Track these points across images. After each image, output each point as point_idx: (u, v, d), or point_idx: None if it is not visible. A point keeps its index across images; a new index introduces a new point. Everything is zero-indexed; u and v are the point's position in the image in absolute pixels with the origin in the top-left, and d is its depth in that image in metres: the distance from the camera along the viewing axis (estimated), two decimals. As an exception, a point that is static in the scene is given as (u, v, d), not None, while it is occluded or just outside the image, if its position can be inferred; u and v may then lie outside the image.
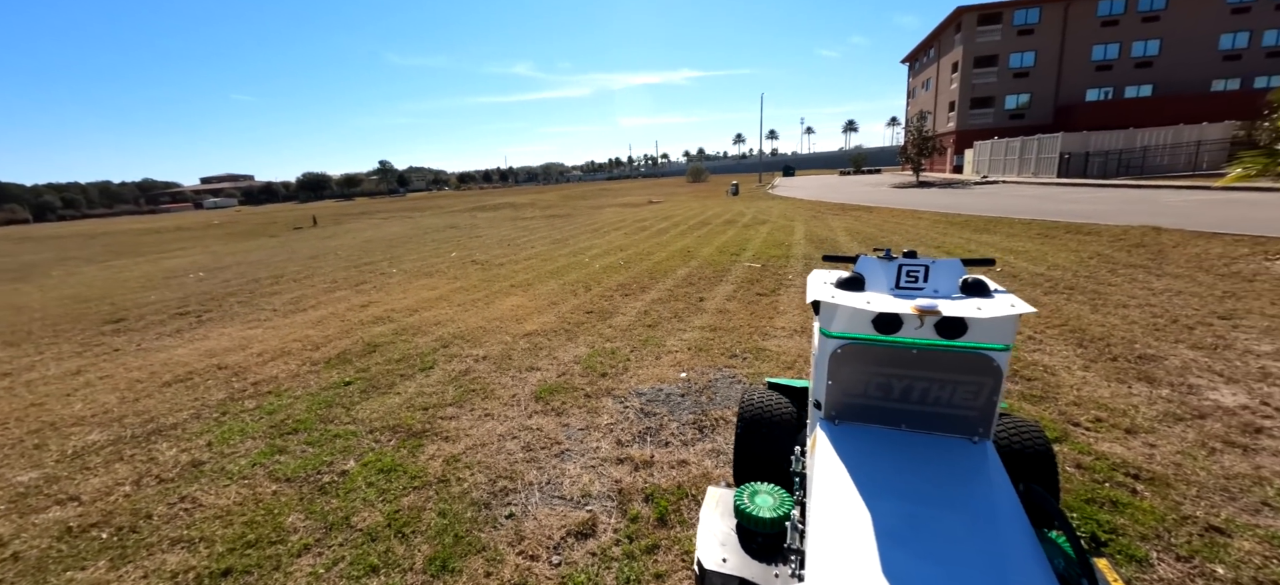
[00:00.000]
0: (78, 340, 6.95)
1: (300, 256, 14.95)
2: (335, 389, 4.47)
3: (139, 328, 7.45)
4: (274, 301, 8.72)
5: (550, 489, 2.83)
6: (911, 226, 13.66)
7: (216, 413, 4.15)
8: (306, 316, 7.46)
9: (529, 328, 6.03)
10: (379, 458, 3.24)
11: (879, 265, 2.15)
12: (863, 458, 1.90)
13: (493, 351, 5.25)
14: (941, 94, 44.85)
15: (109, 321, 7.96)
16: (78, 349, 6.50)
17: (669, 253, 11.47)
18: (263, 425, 3.84)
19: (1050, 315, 5.57)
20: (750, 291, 7.35)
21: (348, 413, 3.95)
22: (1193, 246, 8.97)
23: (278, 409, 4.12)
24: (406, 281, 9.80)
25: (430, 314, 7.10)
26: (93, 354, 6.23)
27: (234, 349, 5.97)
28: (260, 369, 5.18)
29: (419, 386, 4.41)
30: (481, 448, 3.30)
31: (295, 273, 11.79)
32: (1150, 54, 36.68)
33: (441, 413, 3.85)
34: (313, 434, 3.62)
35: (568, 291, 8.01)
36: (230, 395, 4.51)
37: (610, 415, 3.64)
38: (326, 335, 6.33)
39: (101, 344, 6.67)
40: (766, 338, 5.25)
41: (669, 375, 4.34)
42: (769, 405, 2.59)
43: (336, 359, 5.33)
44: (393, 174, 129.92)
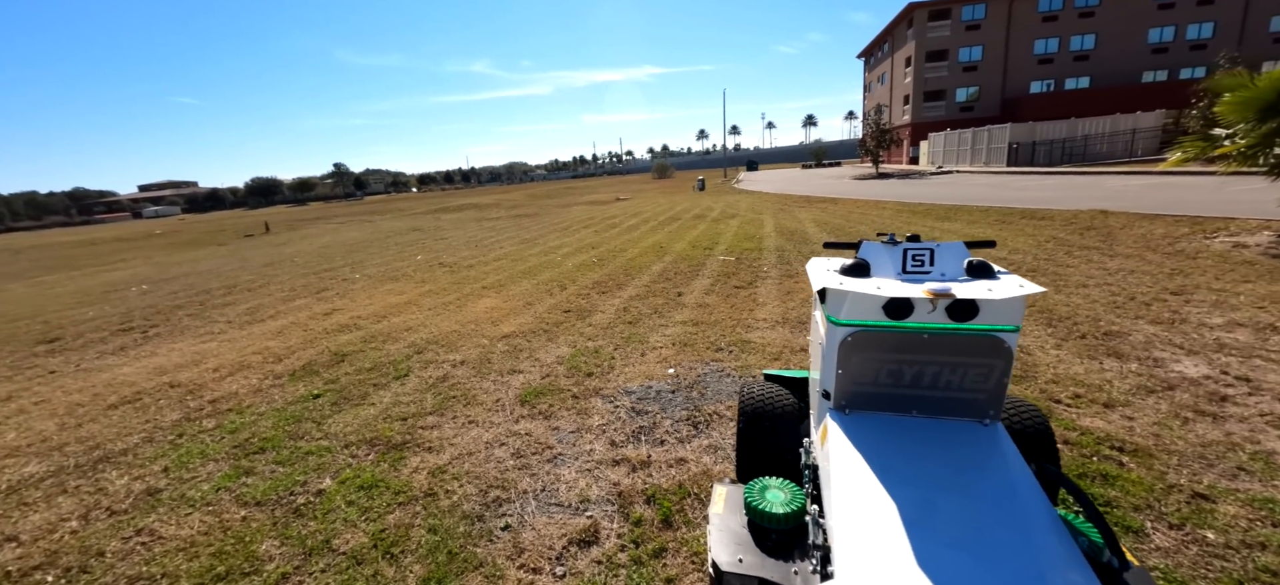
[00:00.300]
0: (6, 363, 6.36)
1: (254, 265, 14.20)
2: (303, 403, 4.20)
3: (77, 347, 6.88)
4: (228, 313, 8.22)
5: (546, 496, 2.70)
6: (876, 216, 13.99)
7: (171, 435, 3.83)
8: (265, 327, 7.04)
9: (506, 330, 5.85)
10: (357, 474, 3.04)
11: (883, 250, 2.12)
12: (879, 447, 1.86)
13: (470, 355, 5.06)
14: (896, 88, 46.27)
15: (43, 342, 7.33)
16: (7, 373, 5.95)
17: (642, 249, 11.40)
18: (225, 446, 3.56)
19: (1042, 300, 5.75)
20: (728, 285, 7.34)
21: (319, 427, 3.71)
22: (1138, 228, 9.46)
23: (240, 427, 3.83)
24: (371, 287, 9.41)
25: (400, 319, 6.81)
26: (25, 377, 5.71)
27: (186, 365, 5.57)
28: (218, 385, 4.84)
29: (395, 396, 4.19)
30: (468, 457, 3.14)
31: (250, 282, 11.17)
32: (1087, 48, 38.77)
33: (422, 422, 3.66)
34: (282, 452, 3.38)
35: (543, 291, 7.83)
36: (186, 415, 4.18)
37: (601, 416, 3.53)
38: (289, 346, 5.98)
39: (34, 366, 6.12)
40: (749, 330, 5.23)
41: (657, 372, 4.26)
42: (771, 398, 2.54)
43: (302, 371, 5.03)
44: (349, 177, 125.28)
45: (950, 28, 40.25)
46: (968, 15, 39.87)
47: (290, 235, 25.47)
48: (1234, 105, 7.62)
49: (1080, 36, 38.60)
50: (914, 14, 40.66)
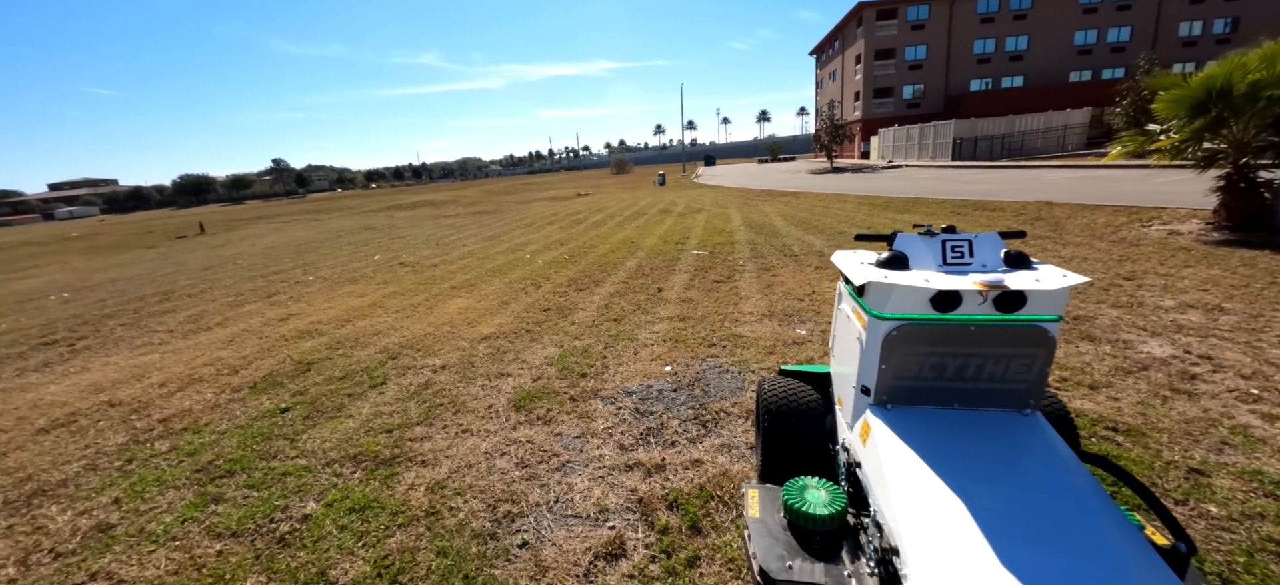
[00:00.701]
0: (-98, 386, 5.58)
1: (191, 268, 13.15)
2: (270, 418, 3.85)
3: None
4: (168, 321, 7.54)
5: (561, 508, 2.55)
6: (839, 209, 14.34)
7: (119, 461, 3.42)
8: (214, 336, 6.48)
9: (485, 331, 5.59)
10: (346, 494, 2.79)
11: (921, 242, 2.08)
12: (931, 442, 1.82)
13: (451, 359, 4.79)
14: (847, 84, 47.78)
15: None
16: (-96, 397, 5.21)
17: (612, 244, 11.24)
18: (184, 470, 3.20)
19: None
20: (706, 279, 7.31)
21: (293, 444, 3.40)
22: (1082, 218, 10.07)
23: (201, 448, 3.47)
24: (329, 289, 8.86)
25: (366, 323, 6.42)
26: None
27: (126, 381, 5.04)
28: (166, 402, 4.39)
29: (374, 406, 3.90)
30: (468, 469, 2.94)
31: (189, 287, 10.32)
32: (1021, 48, 41.17)
33: (409, 434, 3.41)
34: (253, 474, 3.07)
35: (516, 290, 7.57)
36: (133, 437, 3.75)
37: (605, 418, 3.39)
38: (244, 356, 5.51)
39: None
40: (737, 325, 5.20)
41: (653, 370, 4.15)
42: (796, 395, 2.48)
43: (264, 382, 4.63)
44: (289, 173, 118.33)
45: (897, 27, 41.84)
46: (913, 15, 41.55)
47: (228, 236, 23.84)
48: (1168, 103, 8.17)
49: (1015, 38, 40.95)
50: (863, 13, 42.02)
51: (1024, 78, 41.41)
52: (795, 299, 5.95)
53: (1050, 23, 40.17)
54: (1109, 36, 39.92)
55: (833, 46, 52.25)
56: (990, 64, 41.79)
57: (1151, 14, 39.03)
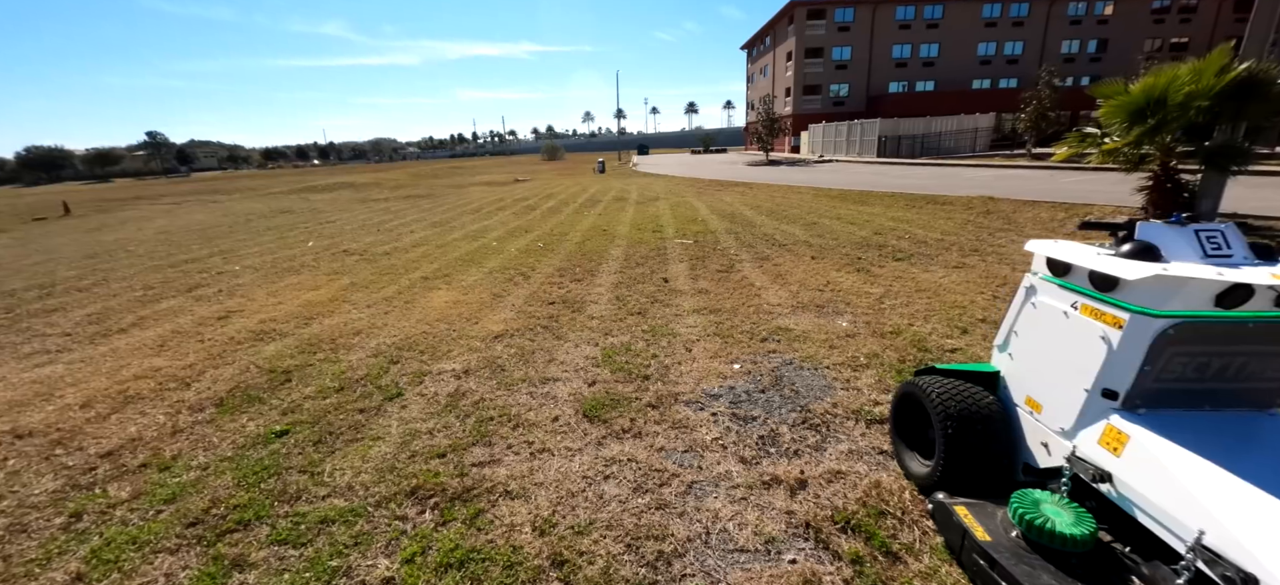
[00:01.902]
0: None
1: (68, 257, 10.95)
2: (266, 444, 3.05)
3: None
4: (59, 321, 6.08)
5: (719, 542, 2.11)
6: (799, 200, 14.59)
7: (60, 517, 2.53)
8: (133, 339, 5.27)
9: (493, 328, 4.93)
10: (426, 544, 2.17)
11: (1172, 232, 1.86)
12: (1225, 451, 1.61)
13: (470, 363, 4.12)
14: (778, 80, 49.41)
15: None
16: None
17: (582, 232, 10.66)
18: (170, 525, 2.40)
19: (1007, 276, 6.13)
20: (707, 269, 7.01)
21: (316, 479, 2.67)
22: (1026, 212, 10.80)
23: (181, 491, 2.64)
24: (266, 281, 7.62)
25: (334, 321, 5.49)
26: None
27: (29, 401, 3.89)
28: (101, 429, 3.39)
29: (404, 423, 3.21)
30: (573, 499, 2.41)
31: (74, 279, 8.51)
32: (933, 55, 44.56)
33: (469, 457, 2.79)
34: (279, 526, 2.34)
35: (504, 281, 6.86)
36: (70, 482, 2.82)
37: (705, 427, 2.96)
38: (188, 364, 4.47)
39: None
40: (773, 317, 4.93)
41: (721, 369, 3.77)
42: (976, 399, 2.24)
43: (233, 398, 3.73)
44: (168, 149, 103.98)
45: (825, 27, 43.75)
46: (840, 17, 43.62)
47: (103, 218, 20.41)
48: (1112, 110, 8.90)
49: (928, 44, 44.22)
50: (795, 11, 43.51)
51: (935, 83, 44.89)
52: (814, 290, 5.79)
53: (957, 32, 43.77)
54: (1006, 49, 44.21)
55: (764, 42, 53.78)
56: (907, 68, 44.88)
57: (1040, 32, 43.65)
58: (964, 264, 6.73)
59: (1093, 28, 43.64)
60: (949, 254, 7.33)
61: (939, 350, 4.00)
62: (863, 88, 45.15)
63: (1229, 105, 8.20)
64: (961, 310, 4.90)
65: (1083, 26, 43.63)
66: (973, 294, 5.42)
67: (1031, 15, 43.32)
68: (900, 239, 8.52)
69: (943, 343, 4.12)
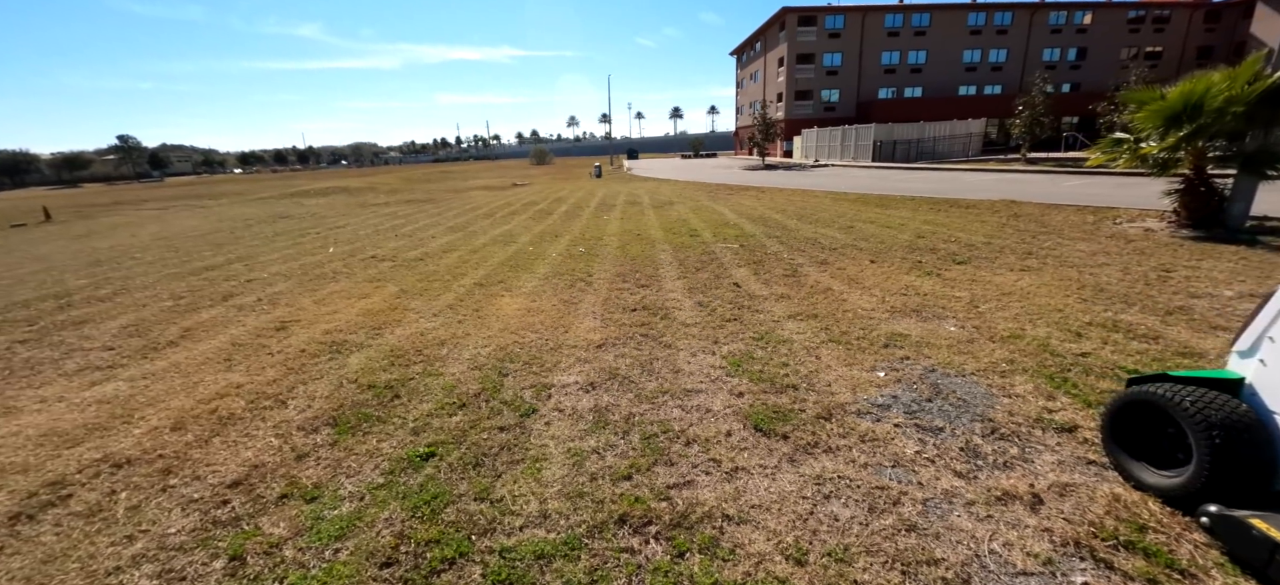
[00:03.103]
0: None
1: (69, 265, 10.33)
2: (416, 469, 2.76)
3: None
4: (94, 334, 5.65)
5: (998, 566, 1.93)
6: (817, 204, 14.56)
7: (222, 560, 2.21)
8: (192, 353, 4.89)
9: (591, 338, 4.69)
10: (677, 581, 1.94)
11: None
12: None
13: (589, 375, 3.88)
14: (769, 85, 49.81)
15: None
16: None
17: (616, 237, 10.44)
18: (360, 566, 2.11)
19: (1077, 278, 6.09)
20: (771, 273, 6.86)
21: (498, 506, 2.39)
22: (1053, 216, 10.88)
23: (350, 526, 2.35)
24: (306, 289, 7.23)
25: (407, 331, 5.19)
26: None
27: (108, 425, 3.52)
28: (208, 454, 3.07)
29: (560, 443, 2.95)
30: (805, 523, 2.19)
31: (89, 289, 7.99)
32: (920, 62, 45.41)
33: (657, 479, 2.54)
34: (490, 562, 2.05)
35: (566, 288, 6.61)
36: (207, 517, 2.50)
37: (898, 440, 2.78)
38: (270, 379, 4.14)
39: None
40: (876, 321, 4.79)
41: (865, 377, 3.60)
42: (1236, 409, 2.13)
43: (345, 416, 3.42)
44: (140, 153, 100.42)
45: (816, 33, 44.28)
46: (830, 23, 44.21)
47: (89, 224, 19.51)
48: (1148, 115, 9.02)
49: (916, 52, 45.06)
50: (786, 17, 43.95)
51: (923, 89, 45.74)
52: (897, 294, 5.67)
53: (944, 40, 44.70)
54: (990, 57, 45.29)
55: (754, 48, 54.22)
56: (895, 74, 45.66)
57: (1022, 40, 44.84)
58: (1028, 268, 6.67)
59: (1072, 36, 44.98)
60: (1005, 258, 7.29)
61: (1070, 355, 3.89)
62: (853, 93, 45.78)
63: (1263, 111, 8.36)
64: (1061, 313, 4.82)
65: (1063, 35, 44.95)
66: (1060, 299, 5.34)
67: (1015, 24, 44.47)
68: (946, 242, 8.49)
69: (1069, 348, 4.01)
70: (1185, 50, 44.60)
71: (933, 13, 44.13)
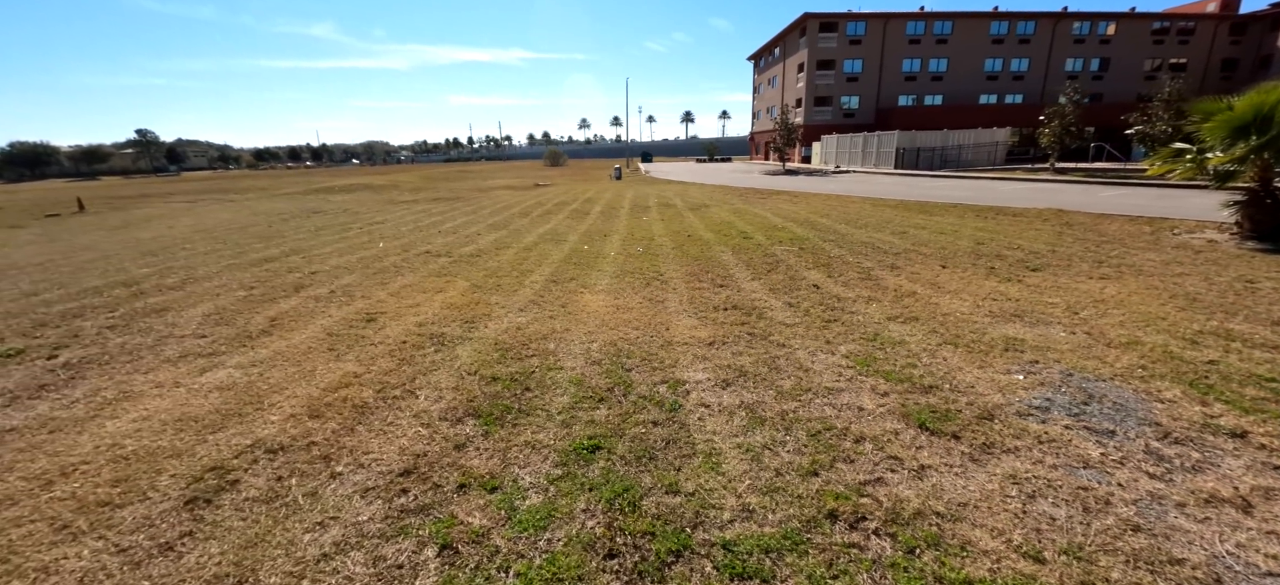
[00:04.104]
0: None
1: (122, 254, 10.40)
2: (585, 460, 2.73)
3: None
4: (178, 323, 5.66)
5: (1246, 571, 1.88)
6: (859, 209, 14.46)
7: (432, 549, 2.19)
8: (290, 341, 4.88)
9: (698, 336, 4.65)
10: (921, 576, 1.90)
11: None
12: None
13: (716, 373, 3.83)
14: (788, 91, 49.74)
15: None
16: None
17: (669, 237, 10.42)
18: (581, 557, 2.08)
19: (1160, 287, 5.99)
20: (846, 276, 6.82)
21: (693, 500, 2.37)
22: (1107, 225, 10.73)
23: (548, 517, 2.32)
24: (376, 283, 7.24)
25: (500, 325, 5.17)
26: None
27: (240, 411, 3.51)
28: (357, 441, 3.04)
29: (727, 438, 2.91)
30: (1022, 521, 2.13)
31: (153, 278, 8.03)
32: (941, 70, 45.20)
33: (845, 475, 2.51)
34: (715, 556, 2.02)
35: (642, 286, 6.59)
36: (391, 505, 2.46)
37: (1078, 442, 2.73)
38: (386, 370, 4.12)
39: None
40: (981, 326, 4.73)
41: (1005, 379, 3.55)
42: None
43: (483, 407, 3.39)
44: (158, 147, 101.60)
45: (837, 40, 44.20)
46: (852, 30, 44.12)
47: (123, 216, 19.68)
48: (1216, 125, 8.92)
49: (937, 60, 44.88)
50: (807, 23, 43.90)
51: (943, 97, 45.53)
52: (986, 299, 5.60)
53: (966, 48, 44.51)
54: (1012, 66, 45.04)
55: (773, 53, 54.18)
56: (915, 82, 45.48)
57: (1045, 50, 44.58)
58: (1106, 276, 6.58)
59: (1095, 47, 44.68)
60: (1078, 266, 7.20)
61: (1199, 363, 3.82)
62: (873, 100, 45.63)
63: (1335, 123, 8.23)
64: (1166, 321, 4.75)
65: (1086, 45, 44.65)
66: (1156, 307, 5.25)
67: (1037, 33, 44.23)
68: (1009, 249, 8.40)
69: (1193, 356, 3.94)
70: (1209, 62, 44.20)
71: (955, 21, 43.95)
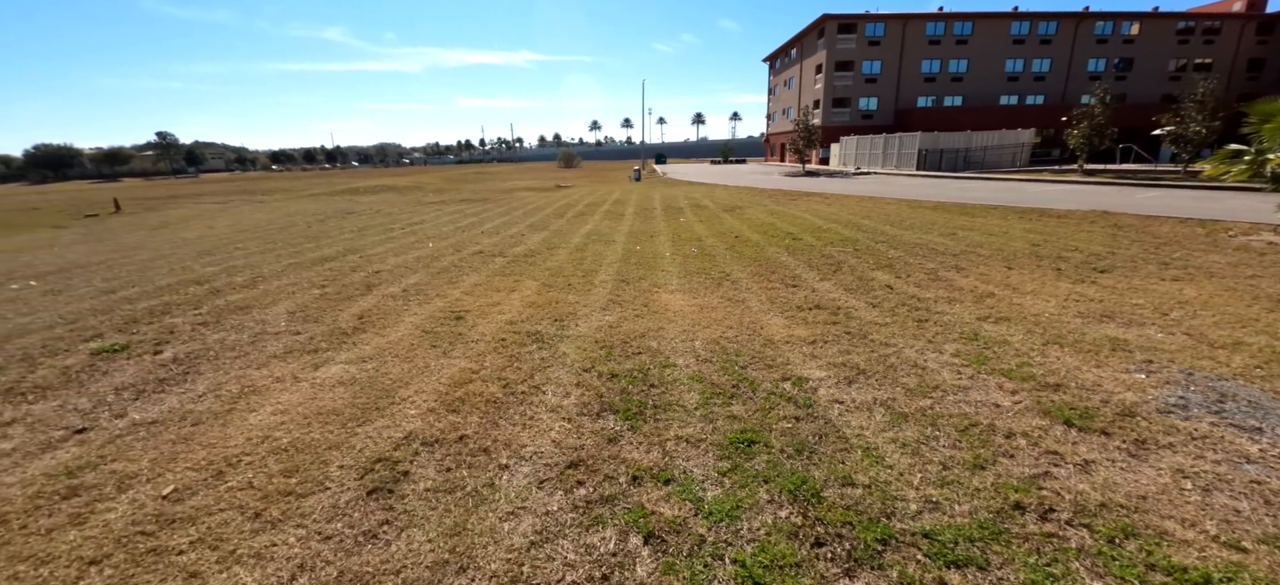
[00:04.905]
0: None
1: (176, 254, 10.61)
2: (748, 453, 2.81)
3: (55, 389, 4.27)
4: (266, 320, 5.80)
5: None
6: (896, 211, 14.42)
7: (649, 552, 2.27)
8: (388, 338, 5.00)
9: (795, 335, 4.72)
10: (1149, 571, 1.95)
11: None
12: None
13: (837, 372, 3.90)
14: (805, 92, 49.63)
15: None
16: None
17: (715, 238, 10.49)
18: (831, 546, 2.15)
19: (1235, 292, 5.96)
20: (912, 278, 6.84)
21: (886, 494, 2.44)
22: (1157, 227, 10.62)
23: (740, 506, 2.39)
24: (445, 282, 7.37)
25: (592, 324, 5.26)
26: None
27: (378, 405, 3.61)
28: (511, 435, 3.13)
29: (878, 433, 2.98)
30: (1210, 514, 2.20)
31: (221, 276, 8.19)
32: (961, 71, 44.92)
33: (1012, 468, 2.56)
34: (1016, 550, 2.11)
35: (711, 286, 6.66)
36: (587, 496, 2.55)
37: (1229, 439, 2.77)
38: (498, 367, 4.22)
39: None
40: (1075, 325, 4.76)
41: (1128, 378, 3.58)
42: None
43: (616, 404, 3.48)
44: (178, 150, 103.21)
45: (856, 41, 44.07)
46: (871, 31, 43.98)
47: (160, 216, 20.06)
48: (1276, 128, 8.85)
49: (956, 61, 44.60)
50: (826, 25, 43.81)
51: (963, 98, 45.24)
52: (1071, 301, 5.61)
53: (986, 49, 44.22)
54: (1033, 67, 44.68)
55: (790, 55, 54.11)
56: (935, 83, 45.23)
57: (1067, 50, 44.17)
58: (1177, 278, 6.55)
59: (1119, 47, 44.21)
60: (1146, 267, 7.18)
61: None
62: (891, 102, 45.44)
63: (1405, 124, 8.13)
64: (1259, 322, 4.75)
65: (1109, 45, 44.19)
66: (1243, 308, 5.24)
67: (1059, 34, 43.84)
68: (1068, 251, 8.38)
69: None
70: (1236, 63, 43.57)
71: (975, 21, 43.67)
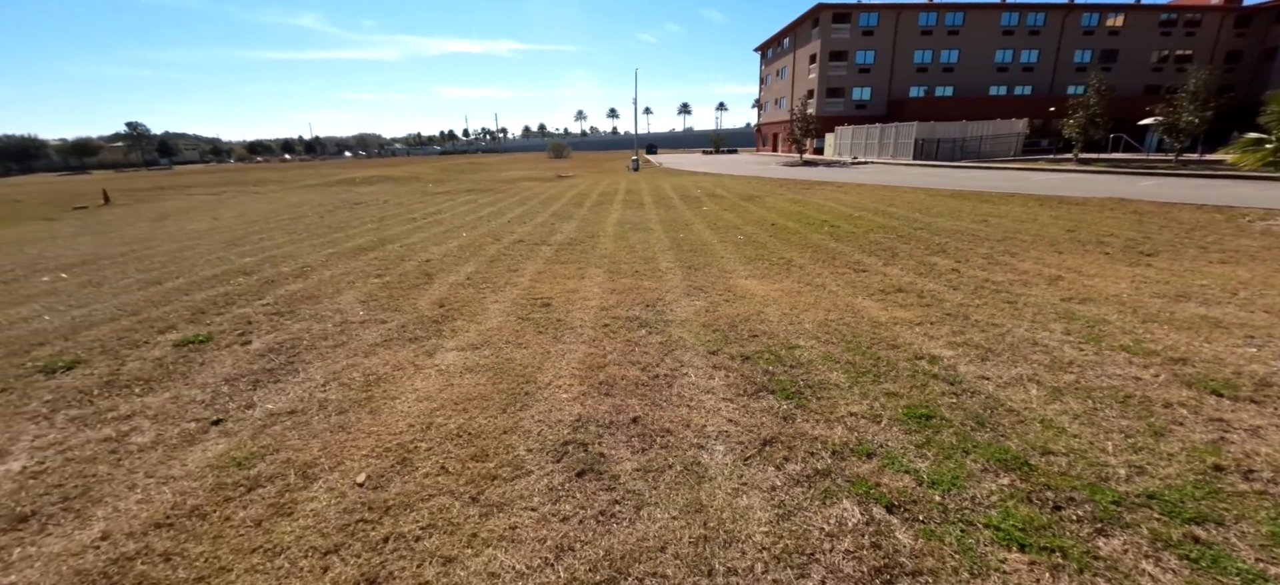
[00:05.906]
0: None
1: (201, 244, 10.32)
2: (928, 427, 2.90)
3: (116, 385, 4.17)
4: (342, 308, 5.71)
5: None
6: (916, 199, 14.63)
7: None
8: (488, 325, 4.97)
9: (899, 316, 4.85)
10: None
11: None
12: None
13: (961, 352, 4.03)
14: (799, 82, 49.86)
15: (42, 372, 4.34)
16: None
17: (755, 224, 10.63)
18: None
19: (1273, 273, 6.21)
20: (971, 261, 7.05)
21: (1093, 462, 2.53)
22: (1176, 213, 10.92)
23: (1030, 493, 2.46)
24: (506, 270, 7.34)
25: (690, 308, 5.33)
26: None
27: (512, 393, 3.60)
28: (710, 421, 3.17)
29: (1046, 405, 3.09)
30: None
31: (266, 267, 8.01)
32: (952, 61, 45.57)
33: (1166, 446, 2.70)
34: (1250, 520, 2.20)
35: (784, 271, 6.80)
36: (795, 476, 2.60)
37: None
38: (619, 352, 4.25)
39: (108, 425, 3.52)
40: (1158, 306, 4.97)
41: (1242, 352, 3.78)
42: None
43: (767, 386, 3.54)
44: (150, 141, 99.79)
45: (850, 31, 44.37)
46: (864, 21, 44.30)
47: (156, 208, 19.42)
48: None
49: (948, 51, 45.23)
50: (820, 14, 44.00)
51: (954, 88, 45.94)
52: (1136, 283, 5.82)
53: (976, 40, 44.91)
54: (1022, 57, 45.53)
55: (782, 44, 54.25)
56: (927, 73, 45.84)
57: (1054, 41, 45.09)
58: (1225, 260, 6.83)
59: (1104, 38, 45.25)
60: (1187, 250, 7.46)
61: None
62: (884, 92, 45.94)
63: None
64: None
65: (1095, 36, 45.21)
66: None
67: (1047, 24, 44.69)
68: (1105, 236, 8.64)
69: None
70: (1215, 54, 44.89)
71: (966, 12, 44.27)
